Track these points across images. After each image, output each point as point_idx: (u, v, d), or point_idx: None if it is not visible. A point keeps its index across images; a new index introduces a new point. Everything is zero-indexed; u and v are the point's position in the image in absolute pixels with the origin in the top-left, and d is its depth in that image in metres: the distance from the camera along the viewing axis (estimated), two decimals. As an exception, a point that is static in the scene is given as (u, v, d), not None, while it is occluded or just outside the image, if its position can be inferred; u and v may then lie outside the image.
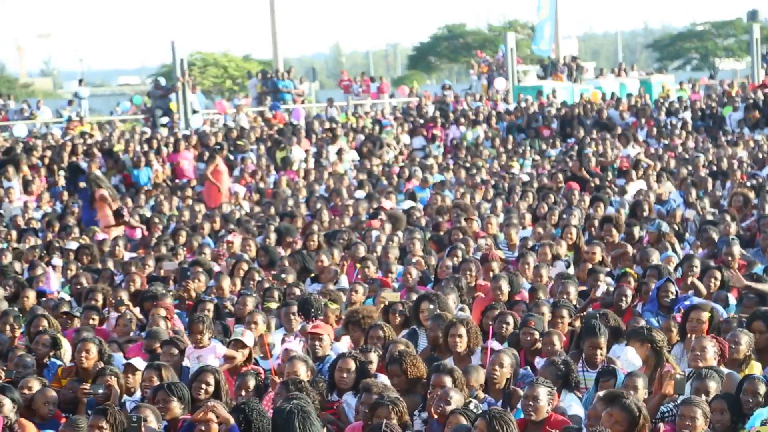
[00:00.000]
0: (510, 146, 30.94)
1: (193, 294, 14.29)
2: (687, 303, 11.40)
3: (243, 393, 9.63)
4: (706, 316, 10.63)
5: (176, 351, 10.89)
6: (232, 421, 7.96)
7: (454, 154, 30.52)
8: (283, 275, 15.02)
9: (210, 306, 12.88)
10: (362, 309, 11.99)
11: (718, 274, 12.80)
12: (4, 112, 40.44)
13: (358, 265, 15.30)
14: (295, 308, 12.33)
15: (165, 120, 36.24)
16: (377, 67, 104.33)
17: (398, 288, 14.36)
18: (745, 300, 12.22)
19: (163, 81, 41.00)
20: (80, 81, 52.56)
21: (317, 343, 10.97)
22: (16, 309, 13.38)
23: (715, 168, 24.24)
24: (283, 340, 11.51)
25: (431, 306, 11.61)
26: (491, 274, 13.63)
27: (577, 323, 11.10)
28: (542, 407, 8.25)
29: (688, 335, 10.45)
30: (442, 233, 18.01)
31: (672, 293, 12.10)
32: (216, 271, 15.63)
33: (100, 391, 9.64)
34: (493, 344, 10.57)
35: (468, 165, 28.00)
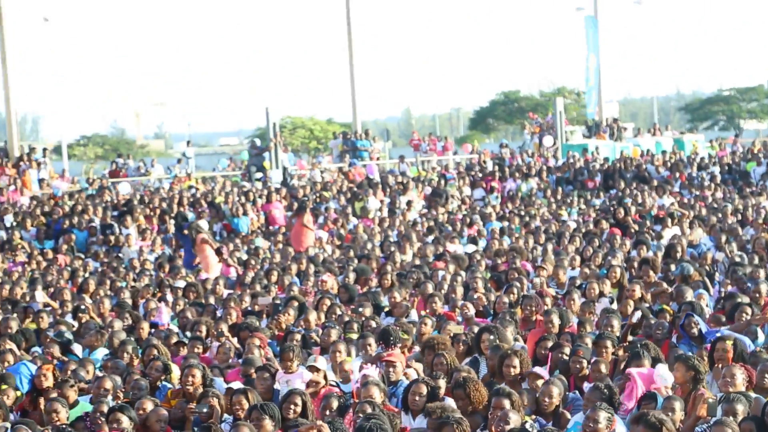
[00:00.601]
0: (559, 197, 30.73)
1: (283, 326, 14.29)
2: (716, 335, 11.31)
3: (327, 413, 9.58)
4: (729, 345, 10.49)
5: (268, 376, 10.85)
6: None
7: (510, 204, 30.34)
8: (360, 309, 14.97)
9: (298, 336, 12.85)
10: (438, 337, 11.90)
11: (749, 310, 12.60)
12: (124, 170, 40.88)
13: (427, 301, 15.24)
14: (371, 339, 12.27)
15: (259, 175, 36.43)
16: (442, 128, 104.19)
17: (461, 321, 14.27)
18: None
19: (258, 142, 41.28)
20: (188, 142, 53.04)
21: (391, 369, 10.89)
22: (133, 339, 13.45)
23: (740, 216, 23.97)
24: (361, 367, 11.43)
25: (491, 337, 11.53)
26: (544, 309, 13.51)
27: (620, 352, 11.00)
28: (601, 429, 8.12)
29: (716, 364, 10.30)
30: (500, 273, 17.92)
31: (696, 325, 11.91)
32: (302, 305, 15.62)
33: (204, 410, 9.68)
34: (542, 371, 10.46)
35: (522, 213, 27.85)
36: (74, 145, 71.75)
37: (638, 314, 12.72)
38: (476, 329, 12.53)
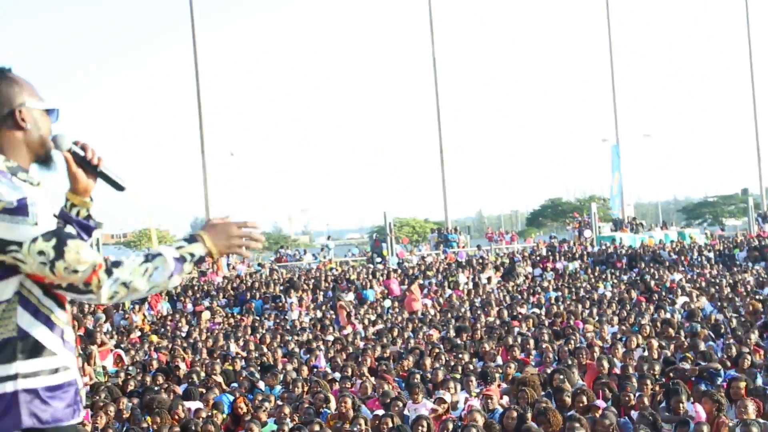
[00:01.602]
0: (596, 273, 30.27)
1: (406, 368, 14.13)
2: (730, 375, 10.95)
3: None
4: (742, 384, 10.14)
5: (401, 405, 10.72)
6: None
7: (561, 279, 29.91)
8: (460, 355, 14.77)
9: (418, 376, 12.69)
10: (522, 377, 11.64)
11: (749, 357, 12.20)
12: (284, 257, 41.45)
13: (509, 350, 14.99)
14: (473, 377, 12.09)
15: (379, 259, 36.57)
16: (505, 224, 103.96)
17: (535, 365, 13.97)
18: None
19: (378, 236, 41.84)
20: (328, 237, 53.48)
21: (489, 401, 10.67)
22: (301, 378, 13.41)
23: (731, 288, 23.34)
24: (466, 399, 11.23)
25: (561, 377, 11.25)
26: (595, 356, 13.18)
27: (657, 388, 10.70)
28: None
29: (733, 398, 9.93)
30: (558, 329, 17.57)
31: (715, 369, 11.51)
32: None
33: (355, 429, 9.55)
34: (601, 403, 10.16)
35: (570, 286, 27.49)
36: (249, 239, 72.68)
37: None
38: (549, 371, 12.29)
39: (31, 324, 2.87)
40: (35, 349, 2.87)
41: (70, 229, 3.02)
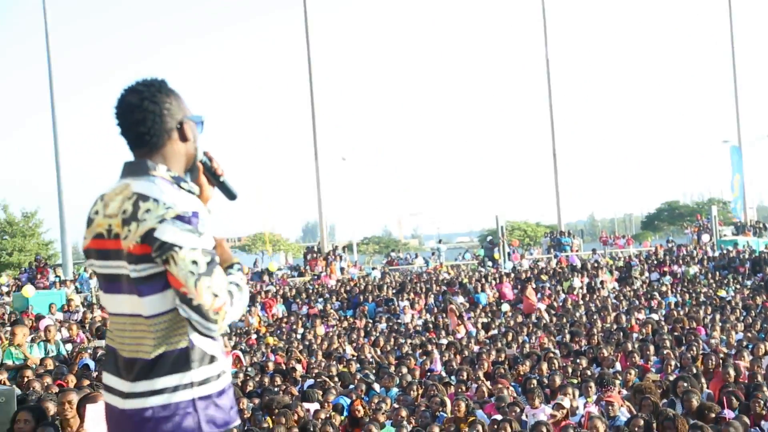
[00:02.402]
0: (717, 278, 29.34)
1: (521, 373, 13.98)
2: None
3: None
4: None
5: (519, 410, 10.59)
6: None
7: (680, 284, 29.09)
8: (578, 361, 14.51)
9: (534, 381, 12.51)
10: (645, 384, 11.33)
11: None
12: (396, 260, 41.58)
13: (628, 356, 14.63)
14: (591, 383, 11.83)
15: (491, 263, 36.31)
16: (618, 228, 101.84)
17: (656, 371, 13.60)
18: None
19: (489, 238, 41.59)
20: (439, 240, 53.42)
21: (610, 407, 10.45)
22: (416, 381, 13.40)
23: None
24: (584, 405, 11.01)
25: (685, 384, 10.91)
26: (720, 363, 12.74)
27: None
28: None
29: None
30: (679, 335, 17.09)
31: None
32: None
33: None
34: (729, 413, 9.81)
35: (689, 290, 26.74)
36: (360, 243, 73.30)
37: None
38: (671, 378, 11.96)
39: (198, 336, 2.99)
40: (204, 357, 2.99)
41: None
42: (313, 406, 11.57)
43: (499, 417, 10.14)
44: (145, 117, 3.01)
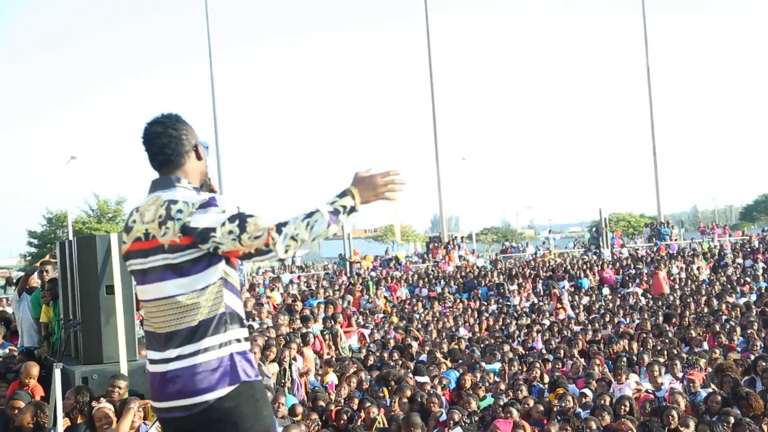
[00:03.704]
0: (809, 264, 27.75)
1: (614, 351, 13.54)
2: None
3: (643, 412, 8.89)
4: None
5: (604, 384, 10.28)
6: None
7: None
8: (667, 340, 13.96)
9: (625, 359, 12.06)
10: (726, 362, 10.80)
11: None
12: (509, 248, 41.04)
13: (715, 336, 13.98)
14: (677, 362, 11.35)
15: (596, 251, 35.44)
16: (719, 219, 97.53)
17: (741, 351, 12.94)
18: None
19: (594, 229, 40.53)
20: (549, 230, 52.73)
21: (691, 384, 10.00)
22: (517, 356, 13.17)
23: None
24: (669, 382, 10.56)
25: (764, 364, 10.32)
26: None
27: None
28: None
29: None
30: (765, 317, 16.18)
31: None
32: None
33: (563, 405, 9.21)
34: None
35: (782, 276, 25.42)
36: (479, 234, 72.80)
37: None
38: (752, 357, 11.35)
39: (232, 300, 3.27)
40: (236, 320, 3.27)
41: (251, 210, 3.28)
42: (424, 379, 11.52)
43: (587, 391, 9.86)
44: (169, 141, 3.36)
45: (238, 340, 3.27)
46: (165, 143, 3.36)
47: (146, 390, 7.11)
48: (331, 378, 11.79)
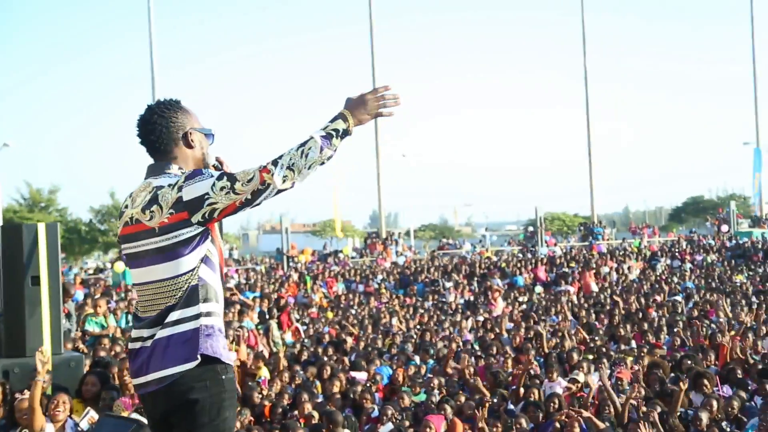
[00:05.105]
0: (732, 266, 28.54)
1: (546, 349, 13.67)
2: None
3: (576, 407, 8.96)
4: None
5: (538, 382, 10.33)
6: None
7: (699, 270, 28.37)
8: (596, 338, 14.13)
9: (555, 357, 12.18)
10: (657, 359, 10.95)
11: None
12: (446, 245, 41.29)
13: (643, 334, 14.23)
14: (605, 359, 11.49)
15: (531, 249, 35.91)
16: (650, 220, 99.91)
17: (667, 349, 13.18)
18: None
19: (531, 228, 41.06)
20: (486, 228, 53.19)
21: (620, 382, 10.14)
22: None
23: None
24: (599, 379, 10.68)
25: (689, 361, 10.52)
26: (726, 343, 12.25)
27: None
28: None
29: None
30: (692, 316, 16.56)
31: None
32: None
33: (494, 400, 9.23)
34: (726, 389, 9.43)
35: (706, 277, 26.05)
36: (418, 230, 73.08)
37: None
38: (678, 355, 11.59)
39: (208, 274, 3.28)
40: (209, 294, 3.27)
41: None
42: (360, 375, 11.48)
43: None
44: (154, 128, 3.36)
45: (209, 314, 3.27)
46: (150, 129, 3.37)
47: (72, 384, 6.91)
48: (264, 373, 11.65)
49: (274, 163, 3.13)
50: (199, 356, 3.19)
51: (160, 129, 3.36)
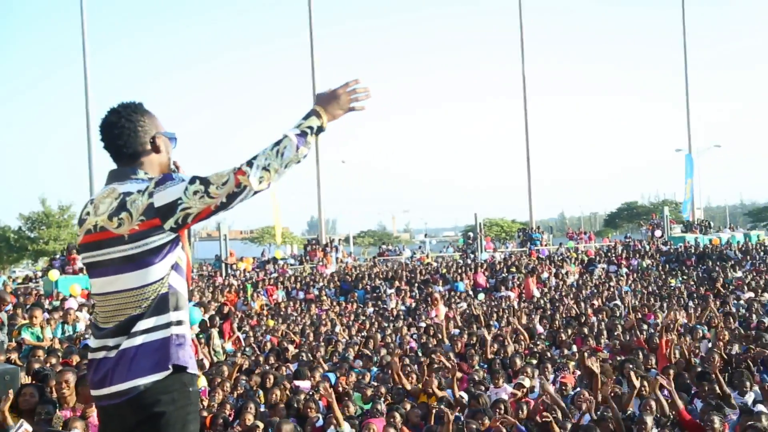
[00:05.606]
0: (667, 270, 29.17)
1: (490, 356, 13.71)
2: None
3: (521, 411, 8.99)
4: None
5: (483, 388, 10.34)
6: None
7: (634, 275, 28.94)
8: (538, 343, 14.24)
9: (499, 362, 12.22)
10: (600, 363, 11.05)
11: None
12: (386, 252, 41.20)
13: (583, 339, 14.39)
14: (548, 364, 11.58)
15: (472, 256, 36.13)
16: (585, 225, 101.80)
17: (608, 352, 13.35)
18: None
19: (470, 234, 41.29)
20: (425, 234, 53.42)
21: (563, 387, 10.21)
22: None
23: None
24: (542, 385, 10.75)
25: (630, 365, 10.65)
26: (665, 346, 12.47)
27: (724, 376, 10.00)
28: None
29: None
30: (629, 319, 16.81)
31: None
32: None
33: (442, 406, 9.17)
34: (665, 392, 9.56)
35: (642, 281, 26.57)
36: (356, 236, 73.06)
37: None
38: (619, 358, 11.75)
39: (177, 281, 3.19)
40: (179, 302, 3.19)
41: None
42: (304, 384, 11.33)
43: (464, 394, 9.92)
44: (121, 132, 3.23)
45: (179, 323, 3.19)
46: (118, 134, 3.25)
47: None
48: (203, 383, 11.40)
49: (249, 164, 3.04)
50: (170, 366, 3.08)
51: (127, 133, 3.25)
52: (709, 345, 13.30)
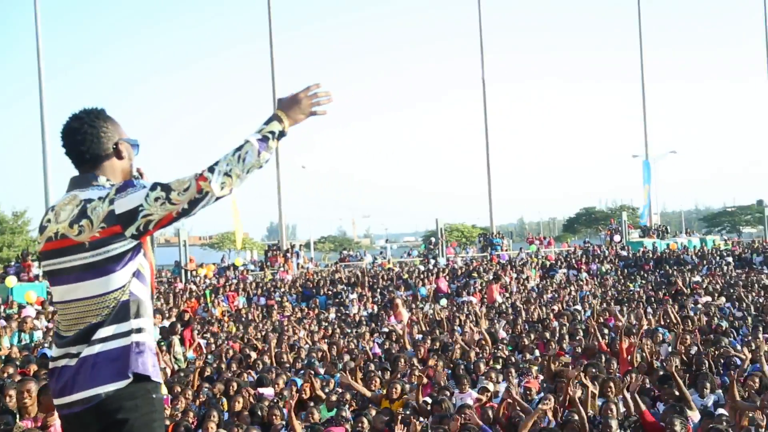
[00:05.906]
0: (626, 274, 29.56)
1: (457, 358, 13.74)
2: None
3: (486, 416, 9.01)
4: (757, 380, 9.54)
5: (448, 393, 10.35)
6: None
7: (594, 279, 29.26)
8: (501, 348, 14.31)
9: (463, 368, 12.26)
10: (563, 367, 11.15)
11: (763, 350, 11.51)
12: (347, 257, 41.11)
13: (546, 344, 14.50)
14: (512, 369, 11.63)
15: (433, 261, 36.21)
16: (544, 230, 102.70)
17: (570, 357, 13.45)
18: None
19: (432, 239, 41.40)
20: (386, 240, 53.35)
21: (528, 392, 10.25)
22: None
23: (748, 288, 22.56)
24: (507, 389, 10.79)
25: (594, 369, 10.75)
26: (626, 349, 12.61)
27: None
28: None
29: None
30: (590, 324, 16.98)
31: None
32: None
33: (407, 412, 9.17)
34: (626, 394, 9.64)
35: (602, 285, 26.88)
36: (317, 242, 72.83)
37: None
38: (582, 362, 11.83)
39: (138, 288, 3.15)
40: (140, 309, 3.15)
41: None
42: (267, 391, 11.23)
43: (428, 399, 9.91)
44: (84, 138, 3.20)
45: (140, 330, 3.14)
46: (80, 140, 3.22)
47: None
48: (163, 391, 11.24)
49: (211, 170, 3.02)
50: (130, 374, 3.06)
51: (90, 139, 3.21)
52: (669, 348, 13.49)
